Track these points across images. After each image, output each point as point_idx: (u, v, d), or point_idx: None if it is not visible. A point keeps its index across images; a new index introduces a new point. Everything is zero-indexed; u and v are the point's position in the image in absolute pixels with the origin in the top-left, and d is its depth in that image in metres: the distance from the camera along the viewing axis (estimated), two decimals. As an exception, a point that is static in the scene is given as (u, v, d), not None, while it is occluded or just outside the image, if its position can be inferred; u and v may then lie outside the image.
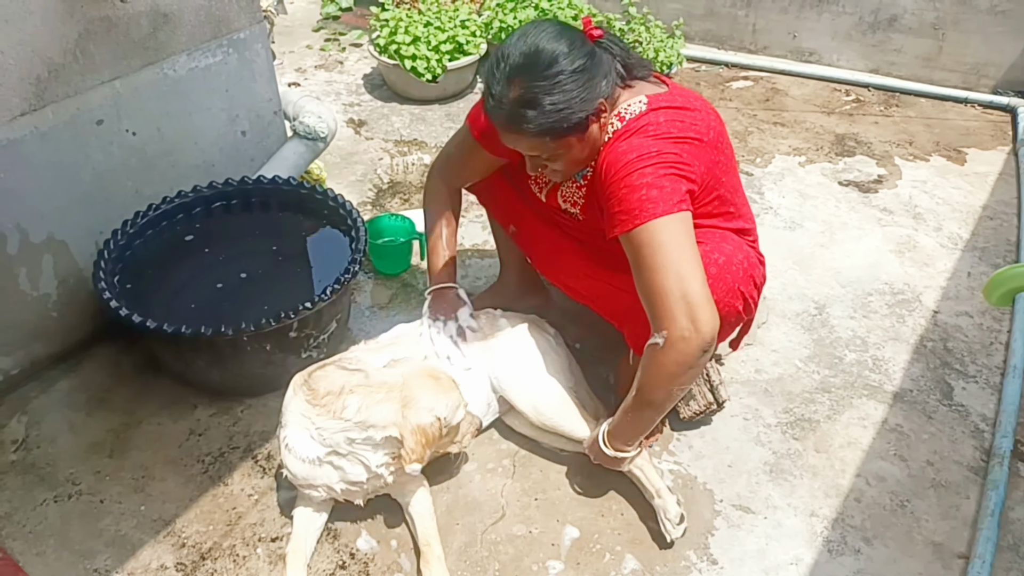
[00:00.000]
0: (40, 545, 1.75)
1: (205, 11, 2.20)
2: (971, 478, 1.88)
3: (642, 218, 1.47)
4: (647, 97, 1.59)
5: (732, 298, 1.62)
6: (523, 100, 1.47)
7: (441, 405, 1.62)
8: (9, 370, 2.09)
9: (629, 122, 1.56)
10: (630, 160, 1.50)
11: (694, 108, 1.60)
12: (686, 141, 1.54)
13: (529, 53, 1.47)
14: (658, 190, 1.47)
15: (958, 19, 3.42)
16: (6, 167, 1.88)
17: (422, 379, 1.65)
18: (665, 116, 1.55)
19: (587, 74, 1.49)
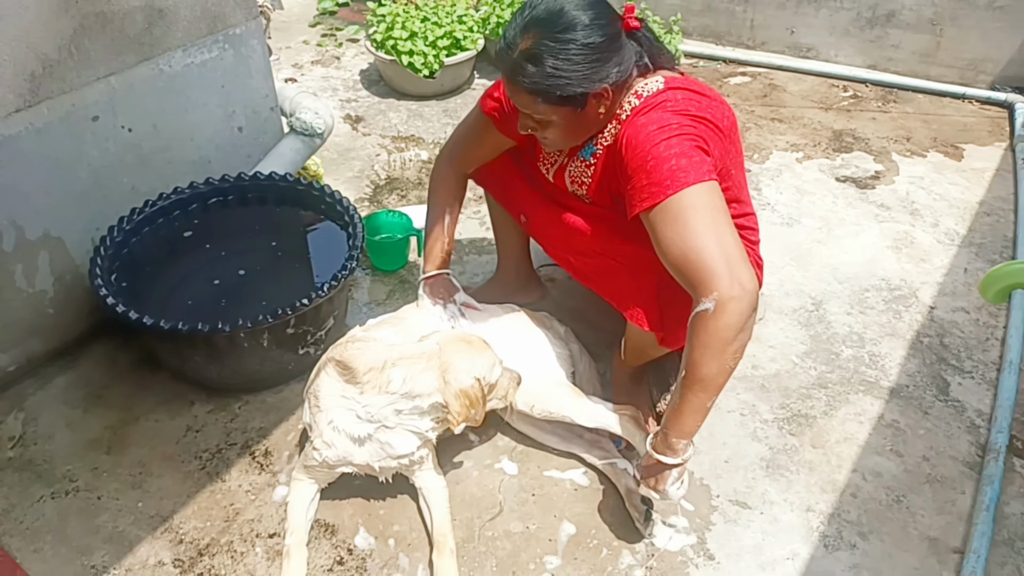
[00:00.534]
0: (37, 542, 1.75)
1: (201, 6, 2.19)
2: (966, 473, 1.89)
3: (675, 187, 1.43)
4: (664, 77, 1.60)
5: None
6: (529, 53, 1.48)
7: (478, 366, 1.66)
8: (6, 367, 2.09)
9: (647, 99, 1.56)
10: (652, 132, 1.50)
11: (710, 96, 1.61)
12: (704, 122, 1.54)
13: (553, 11, 1.48)
14: (687, 159, 1.45)
15: (956, 15, 3.42)
16: (1, 164, 1.87)
17: (456, 344, 1.70)
18: (683, 95, 1.56)
19: (599, 53, 1.49)
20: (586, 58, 1.47)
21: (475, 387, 1.64)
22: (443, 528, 1.70)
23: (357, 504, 1.81)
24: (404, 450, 1.67)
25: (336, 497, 1.81)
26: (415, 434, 1.67)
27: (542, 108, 1.55)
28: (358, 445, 1.67)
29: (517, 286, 2.25)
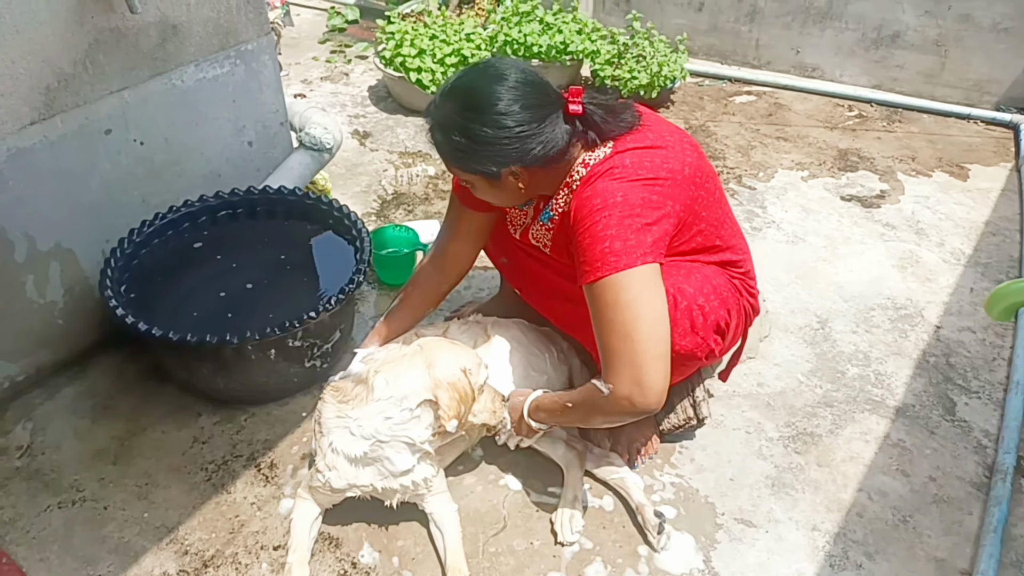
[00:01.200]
0: (44, 551, 1.75)
1: (213, 22, 2.23)
2: (974, 494, 1.88)
3: (603, 271, 1.44)
4: (613, 141, 1.57)
5: (692, 345, 1.61)
6: (440, 122, 1.53)
7: (463, 360, 1.65)
8: (15, 377, 2.10)
9: (593, 167, 1.55)
10: (594, 208, 1.48)
11: (664, 146, 1.57)
12: (655, 182, 1.51)
13: (473, 88, 1.50)
14: (621, 242, 1.44)
15: (960, 36, 3.45)
16: (15, 175, 1.89)
17: (438, 342, 1.71)
18: (631, 158, 1.53)
19: (511, 140, 1.48)
20: (495, 141, 1.48)
21: (462, 379, 1.62)
22: (456, 558, 1.68)
23: (362, 518, 1.81)
24: (403, 465, 1.63)
25: (341, 510, 1.81)
26: (409, 446, 1.62)
27: (456, 170, 1.60)
28: (359, 466, 1.64)
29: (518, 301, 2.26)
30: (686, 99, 3.76)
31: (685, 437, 2.01)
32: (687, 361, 1.65)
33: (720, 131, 3.48)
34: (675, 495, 1.88)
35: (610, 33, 3.67)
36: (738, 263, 1.77)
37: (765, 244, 2.75)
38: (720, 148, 3.35)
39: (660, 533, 1.74)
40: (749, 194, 3.03)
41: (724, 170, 3.19)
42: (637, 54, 3.52)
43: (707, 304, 1.62)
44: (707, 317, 1.62)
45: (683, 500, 1.87)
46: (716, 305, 1.64)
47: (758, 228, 2.84)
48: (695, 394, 1.95)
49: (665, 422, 1.97)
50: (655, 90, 3.48)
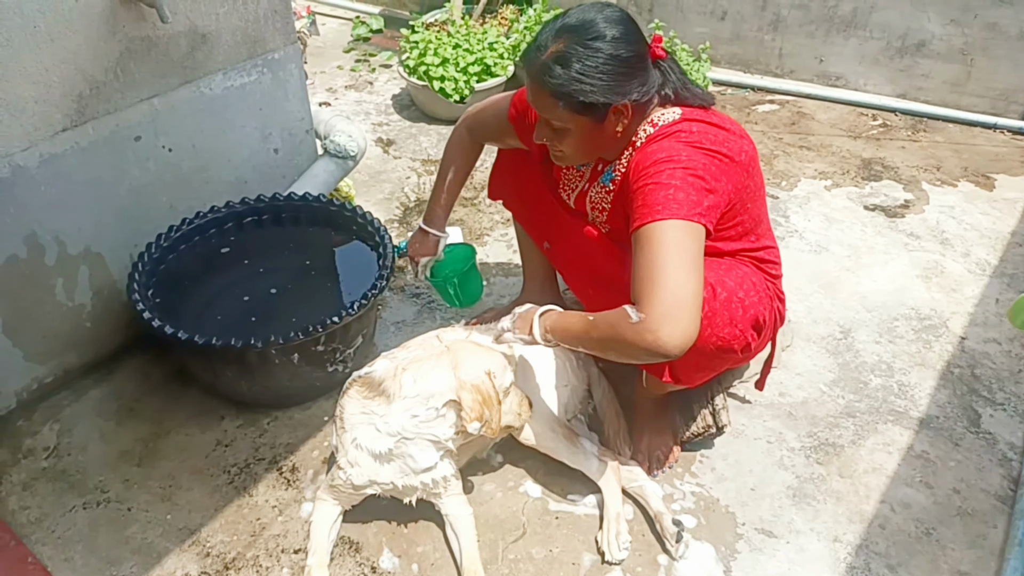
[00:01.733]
0: (68, 551, 1.78)
1: (241, 32, 2.26)
2: (998, 507, 1.85)
3: (663, 215, 1.45)
4: (682, 109, 1.62)
5: (730, 335, 1.60)
6: (557, 56, 1.51)
7: (488, 362, 1.64)
8: (43, 378, 2.14)
9: (662, 128, 1.59)
10: (659, 159, 1.52)
11: (728, 129, 1.62)
12: (717, 155, 1.54)
13: (585, 20, 1.52)
14: (684, 193, 1.47)
15: (987, 45, 3.41)
16: (47, 181, 1.93)
17: (466, 344, 1.71)
18: (699, 128, 1.57)
19: (625, 67, 1.52)
20: (612, 69, 1.51)
21: (486, 382, 1.62)
22: (472, 561, 1.69)
23: (382, 522, 1.82)
24: (426, 462, 1.65)
25: (361, 514, 1.82)
26: (434, 443, 1.64)
27: (562, 114, 1.56)
28: (381, 463, 1.66)
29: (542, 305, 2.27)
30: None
31: (705, 446, 2.01)
32: (723, 354, 1.64)
33: (742, 140, 3.47)
34: (695, 504, 1.87)
35: (632, 42, 3.68)
36: (772, 264, 1.78)
37: (788, 253, 2.73)
38: (742, 157, 3.33)
39: (678, 542, 1.73)
40: (772, 203, 3.02)
41: (746, 179, 3.17)
42: (659, 63, 3.52)
43: (747, 298, 1.62)
44: (746, 311, 1.62)
45: (703, 509, 1.86)
46: (755, 300, 1.64)
47: (781, 237, 2.82)
48: (714, 402, 1.95)
49: (684, 430, 1.96)
50: (677, 99, 3.47)
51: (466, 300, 2.19)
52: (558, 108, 1.55)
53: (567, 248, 1.94)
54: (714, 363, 1.69)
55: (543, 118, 1.62)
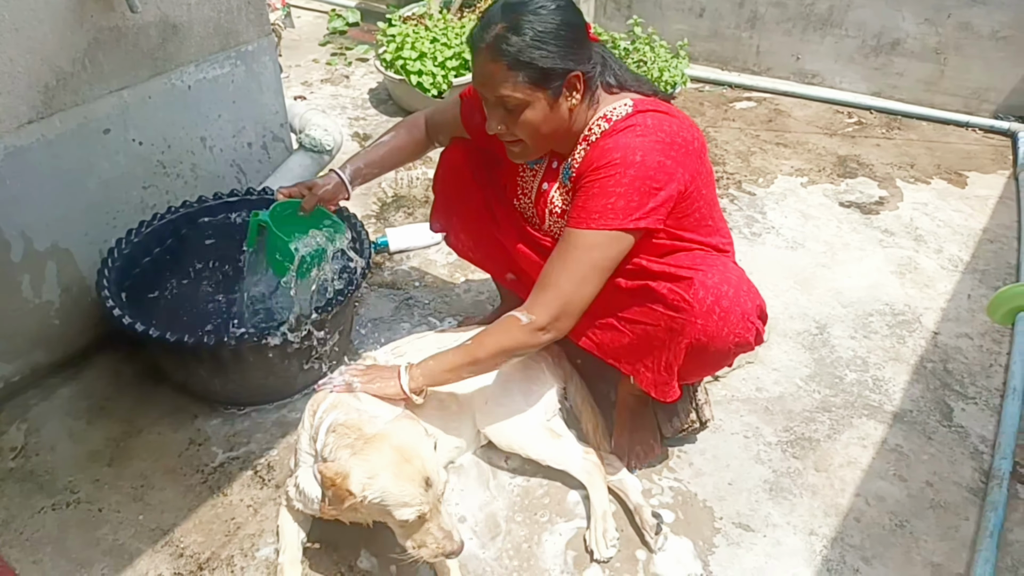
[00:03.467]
0: (37, 553, 1.74)
1: (214, 23, 2.22)
2: (970, 499, 1.88)
3: (597, 223, 1.53)
4: (632, 100, 1.61)
5: (745, 330, 1.61)
6: (511, 25, 1.49)
7: (377, 485, 1.44)
8: (10, 377, 2.09)
9: (616, 123, 1.58)
10: (614, 160, 1.52)
11: (679, 116, 1.63)
12: (672, 147, 1.55)
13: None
14: (625, 200, 1.51)
15: (960, 44, 3.46)
16: (12, 174, 1.89)
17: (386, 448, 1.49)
18: (652, 119, 1.57)
19: (575, 34, 1.53)
20: (565, 33, 1.51)
21: (351, 495, 1.42)
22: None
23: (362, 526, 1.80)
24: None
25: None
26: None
27: (520, 87, 1.52)
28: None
29: None
30: (686, 104, 3.76)
31: (686, 441, 2.01)
32: (740, 349, 1.66)
33: (720, 137, 3.49)
34: (673, 499, 1.87)
35: (611, 38, 3.68)
36: (727, 251, 1.78)
37: (764, 250, 2.75)
38: (720, 154, 3.35)
39: (657, 534, 1.74)
40: (749, 199, 3.04)
41: (724, 175, 3.19)
42: (638, 59, 3.52)
43: (749, 290, 1.64)
44: (752, 302, 1.63)
45: (681, 504, 1.86)
46: (754, 290, 1.66)
47: (757, 234, 2.84)
48: (696, 396, 1.95)
49: (668, 426, 1.96)
50: (654, 95, 3.48)
51: (273, 263, 1.90)
52: (516, 81, 1.51)
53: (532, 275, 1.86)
54: (729, 359, 1.71)
55: (496, 100, 1.56)
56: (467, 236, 2.09)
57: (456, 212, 2.05)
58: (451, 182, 2.02)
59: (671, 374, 1.66)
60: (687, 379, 1.74)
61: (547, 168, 1.78)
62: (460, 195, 2.00)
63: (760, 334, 1.69)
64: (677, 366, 1.65)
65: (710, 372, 1.77)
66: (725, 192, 3.07)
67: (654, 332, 1.64)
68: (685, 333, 1.58)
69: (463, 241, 2.12)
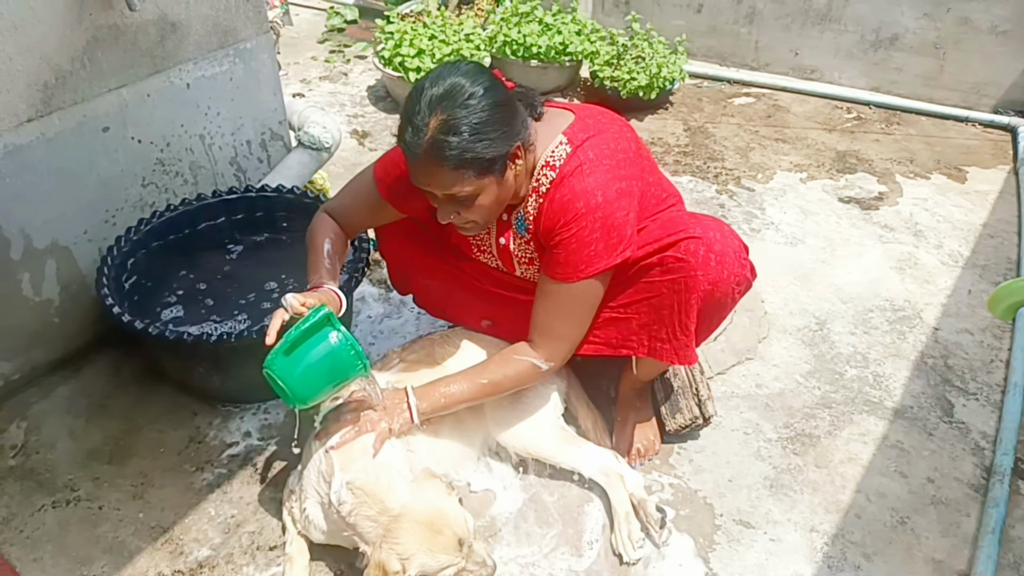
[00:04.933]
0: (37, 551, 1.74)
1: (212, 21, 2.22)
2: (971, 495, 1.88)
3: (586, 272, 1.56)
4: (564, 135, 1.57)
5: (740, 267, 1.65)
6: (445, 126, 1.41)
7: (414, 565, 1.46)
8: (9, 375, 2.09)
9: (561, 168, 1.55)
10: (579, 213, 1.52)
11: (604, 129, 1.60)
12: (620, 167, 1.56)
13: (451, 86, 1.43)
14: (604, 243, 1.54)
15: (959, 39, 3.45)
16: (12, 172, 1.88)
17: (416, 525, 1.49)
18: (593, 150, 1.55)
19: (506, 110, 1.47)
20: (497, 116, 1.45)
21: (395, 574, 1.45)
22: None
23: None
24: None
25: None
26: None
27: (469, 182, 1.47)
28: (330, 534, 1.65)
29: None
30: (685, 100, 3.76)
31: (688, 437, 2.01)
32: (742, 288, 1.69)
33: (719, 132, 3.48)
34: (674, 496, 1.87)
35: (609, 34, 3.67)
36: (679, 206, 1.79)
37: (764, 245, 2.74)
38: (719, 149, 3.35)
39: (662, 527, 1.74)
40: (748, 195, 3.03)
41: (723, 171, 3.19)
42: (636, 55, 3.52)
43: (730, 232, 1.67)
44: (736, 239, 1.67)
45: (681, 501, 1.86)
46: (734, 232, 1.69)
47: (756, 229, 2.83)
48: (700, 392, 1.95)
49: (671, 422, 1.96)
50: (654, 91, 3.48)
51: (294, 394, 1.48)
52: (464, 178, 1.46)
53: (513, 319, 1.85)
54: (733, 303, 1.73)
55: (445, 197, 1.51)
56: (435, 296, 2.03)
57: (415, 277, 2.01)
58: (398, 254, 1.97)
59: (688, 335, 1.67)
60: (700, 337, 1.74)
61: (499, 222, 1.73)
62: (413, 264, 1.97)
63: (753, 268, 1.72)
64: (693, 325, 1.65)
65: (718, 322, 1.78)
66: (724, 188, 3.07)
67: (659, 302, 1.65)
68: (690, 289, 1.60)
69: (431, 302, 2.07)
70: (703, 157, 3.29)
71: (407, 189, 1.61)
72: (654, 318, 1.68)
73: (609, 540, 1.77)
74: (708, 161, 3.26)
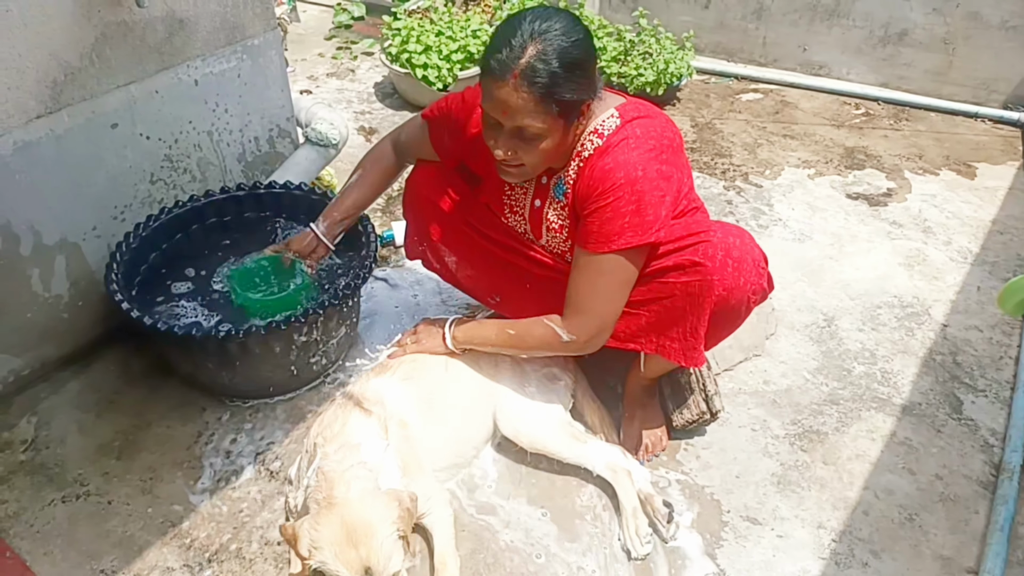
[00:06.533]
0: (47, 545, 1.75)
1: (220, 17, 2.22)
2: (980, 492, 1.87)
3: (618, 244, 1.55)
4: (616, 109, 1.60)
5: (758, 276, 1.65)
6: (544, 55, 1.43)
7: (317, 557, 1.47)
8: (20, 371, 2.10)
9: (608, 138, 1.57)
10: (618, 182, 1.52)
11: (656, 115, 1.63)
12: (665, 151, 1.56)
13: (552, 21, 1.46)
14: (640, 217, 1.53)
15: (969, 34, 3.43)
16: (21, 169, 1.89)
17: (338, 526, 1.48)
18: (640, 127, 1.57)
19: (593, 63, 1.52)
20: (588, 65, 1.50)
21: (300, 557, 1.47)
22: (444, 555, 1.66)
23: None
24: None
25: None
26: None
27: (545, 117, 1.48)
28: None
29: None
30: (692, 97, 3.75)
31: (694, 434, 2.01)
32: (757, 297, 1.69)
33: (727, 129, 3.47)
34: (681, 492, 1.87)
35: (616, 30, 3.67)
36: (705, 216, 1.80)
37: (772, 242, 2.74)
38: (727, 146, 3.34)
39: (669, 522, 1.74)
40: (755, 192, 3.03)
41: (731, 168, 3.18)
42: (643, 51, 3.51)
43: (749, 240, 1.66)
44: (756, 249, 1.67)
45: (689, 497, 1.86)
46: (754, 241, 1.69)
47: (764, 226, 2.83)
48: (707, 388, 1.95)
49: (678, 417, 1.96)
50: (661, 87, 3.47)
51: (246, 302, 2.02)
52: (542, 111, 1.46)
53: (521, 297, 1.90)
54: (748, 311, 1.72)
55: (512, 129, 1.51)
56: (453, 258, 2.03)
57: (436, 235, 2.01)
58: (426, 207, 1.98)
59: (697, 338, 1.67)
60: (710, 343, 1.74)
61: (536, 184, 1.74)
62: (438, 218, 1.97)
63: (771, 279, 1.72)
64: (703, 329, 1.65)
65: (731, 330, 1.77)
66: (732, 184, 3.06)
67: (672, 303, 1.64)
68: (705, 293, 1.60)
69: (446, 264, 2.06)
70: (711, 153, 3.28)
71: (450, 137, 1.76)
72: (665, 318, 1.67)
73: (617, 535, 1.77)
74: (716, 157, 3.25)
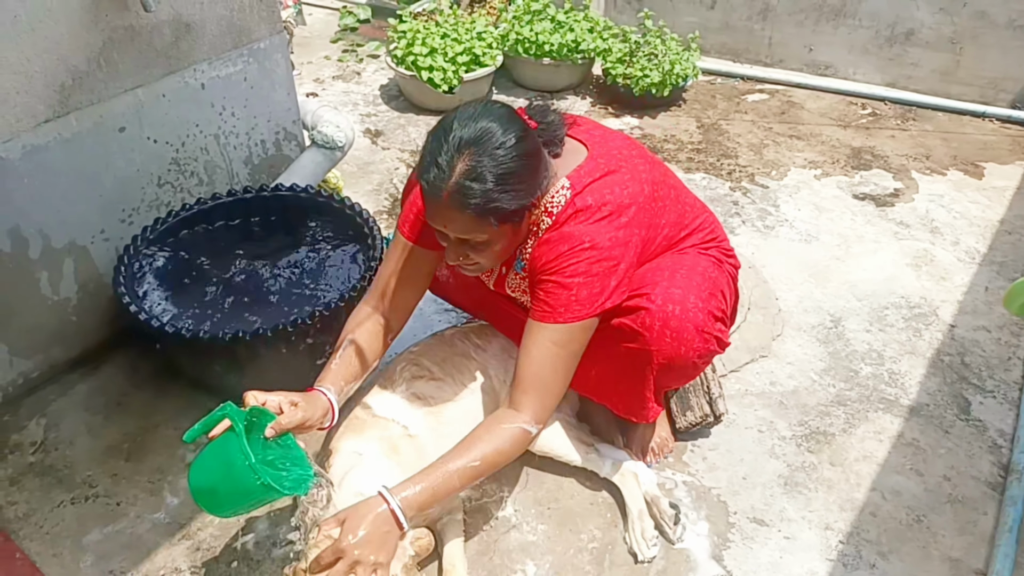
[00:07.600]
0: (57, 546, 1.76)
1: (227, 21, 2.23)
2: (989, 494, 1.86)
3: (563, 317, 1.50)
4: (568, 179, 1.53)
5: (703, 342, 1.60)
6: (472, 173, 1.37)
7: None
8: (29, 373, 2.12)
9: (557, 216, 1.52)
10: (561, 253, 1.49)
11: (617, 168, 1.55)
12: (620, 216, 1.51)
13: (481, 130, 1.39)
14: (587, 290, 1.48)
15: (976, 33, 3.42)
16: (30, 173, 1.91)
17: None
18: (592, 195, 1.51)
19: (533, 161, 1.45)
20: (526, 168, 1.42)
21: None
22: (452, 558, 1.67)
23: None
24: None
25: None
26: None
27: (485, 230, 1.43)
28: None
29: None
30: (698, 97, 3.74)
31: (700, 435, 2.01)
32: (705, 359, 1.67)
33: (732, 129, 3.47)
34: (687, 494, 1.87)
35: (622, 31, 3.67)
36: (705, 234, 1.75)
37: (778, 243, 2.73)
38: (732, 146, 3.33)
39: (676, 524, 1.74)
40: (762, 192, 3.02)
41: (736, 168, 3.17)
42: (649, 52, 3.51)
43: (698, 298, 1.59)
44: (704, 310, 1.59)
45: (695, 499, 1.86)
46: (707, 294, 1.62)
47: (771, 227, 2.82)
48: (711, 390, 1.95)
49: (682, 419, 1.96)
50: (667, 88, 3.47)
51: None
52: (483, 226, 1.43)
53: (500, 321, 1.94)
54: (699, 370, 1.74)
55: (458, 240, 1.48)
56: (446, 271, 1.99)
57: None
58: None
59: (643, 400, 1.69)
60: (662, 393, 1.76)
61: None
62: None
63: (722, 339, 1.67)
64: (650, 391, 1.67)
65: (685, 382, 1.80)
66: (738, 185, 3.06)
67: (616, 365, 1.66)
68: (645, 361, 1.60)
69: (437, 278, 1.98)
70: (716, 154, 3.27)
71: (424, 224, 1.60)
72: (611, 377, 1.69)
73: (623, 537, 1.77)
74: (722, 158, 3.24)
